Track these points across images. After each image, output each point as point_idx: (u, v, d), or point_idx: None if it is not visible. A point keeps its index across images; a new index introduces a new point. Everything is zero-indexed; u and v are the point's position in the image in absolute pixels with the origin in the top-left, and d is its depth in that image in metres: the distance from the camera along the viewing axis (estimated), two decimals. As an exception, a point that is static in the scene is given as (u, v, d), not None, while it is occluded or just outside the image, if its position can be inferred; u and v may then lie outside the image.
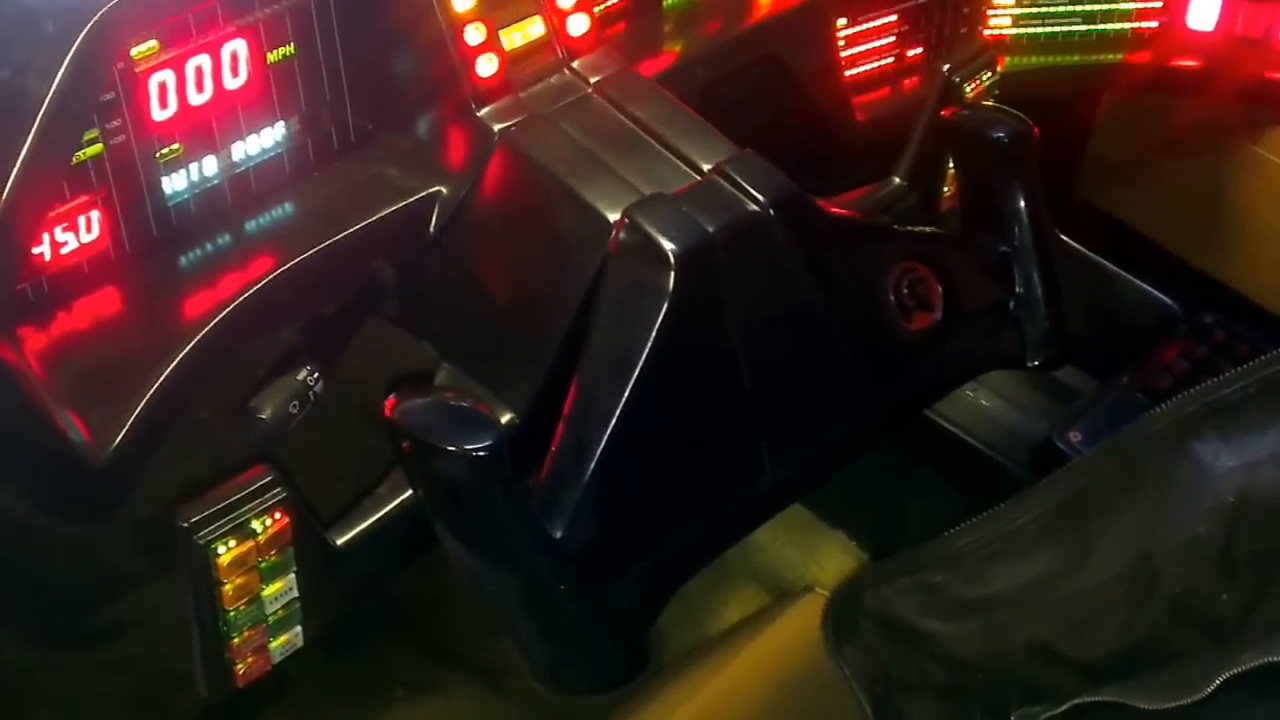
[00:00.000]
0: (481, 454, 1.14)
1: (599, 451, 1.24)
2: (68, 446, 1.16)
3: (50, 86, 1.10)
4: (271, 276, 1.27)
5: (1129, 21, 1.95)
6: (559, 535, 1.23)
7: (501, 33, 1.40)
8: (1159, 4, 1.94)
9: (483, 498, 1.18)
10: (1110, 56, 1.96)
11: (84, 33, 1.11)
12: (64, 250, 1.24)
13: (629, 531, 1.29)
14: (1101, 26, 1.95)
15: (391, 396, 1.19)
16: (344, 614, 1.47)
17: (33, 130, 1.10)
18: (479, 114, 1.37)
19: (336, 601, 1.43)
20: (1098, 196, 2.27)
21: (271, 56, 1.32)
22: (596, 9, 1.50)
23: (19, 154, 1.10)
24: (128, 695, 1.43)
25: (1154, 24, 1.95)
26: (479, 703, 2.00)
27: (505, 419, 1.36)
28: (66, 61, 1.11)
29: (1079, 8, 1.94)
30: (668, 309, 1.23)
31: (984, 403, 2.13)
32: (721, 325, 1.29)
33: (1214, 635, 1.28)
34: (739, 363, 1.30)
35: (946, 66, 1.67)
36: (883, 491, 2.06)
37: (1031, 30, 1.95)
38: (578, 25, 1.45)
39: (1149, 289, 2.19)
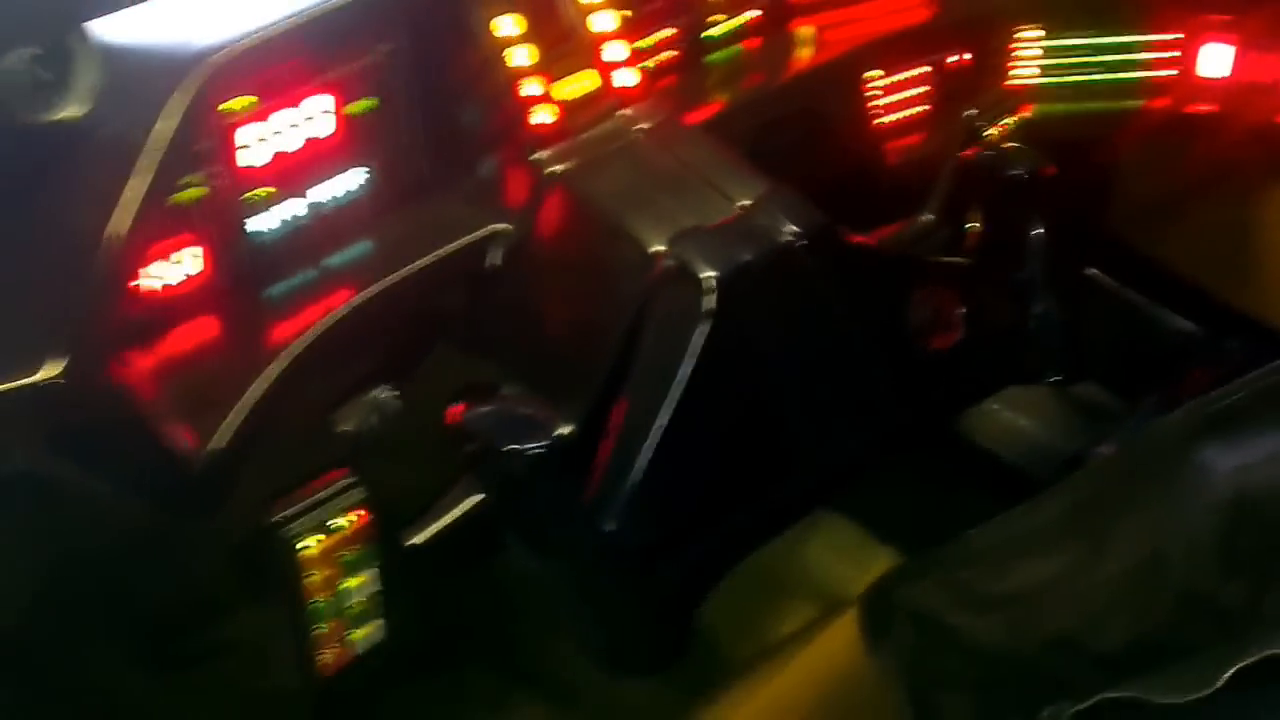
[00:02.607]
0: (542, 451, 1.23)
1: (647, 456, 1.34)
2: (174, 454, 1.27)
3: (161, 134, 1.22)
4: (352, 305, 1.38)
5: (1147, 70, 2.03)
6: (611, 529, 1.33)
7: (558, 84, 1.52)
8: (1176, 53, 2.02)
9: (542, 492, 1.27)
10: (1129, 103, 2.04)
11: (188, 86, 1.24)
12: (167, 282, 1.36)
13: (672, 526, 1.39)
14: (1120, 75, 2.03)
15: (460, 403, 1.28)
16: (422, 616, 1.55)
17: (139, 174, 1.21)
18: (535, 158, 1.49)
19: (414, 599, 1.52)
20: (1127, 232, 2.34)
21: (354, 108, 1.44)
22: (646, 64, 1.62)
23: (128, 196, 1.21)
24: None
25: (1172, 72, 2.03)
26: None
27: (565, 431, 1.43)
28: (173, 113, 1.23)
29: (1099, 58, 2.02)
30: (708, 331, 1.33)
31: (1022, 423, 2.22)
32: (757, 345, 1.39)
33: (1223, 628, 1.33)
34: (773, 378, 1.41)
35: (972, 112, 1.75)
36: (932, 508, 2.11)
37: (1054, 79, 2.02)
38: (628, 78, 1.56)
39: (1176, 317, 2.26)
